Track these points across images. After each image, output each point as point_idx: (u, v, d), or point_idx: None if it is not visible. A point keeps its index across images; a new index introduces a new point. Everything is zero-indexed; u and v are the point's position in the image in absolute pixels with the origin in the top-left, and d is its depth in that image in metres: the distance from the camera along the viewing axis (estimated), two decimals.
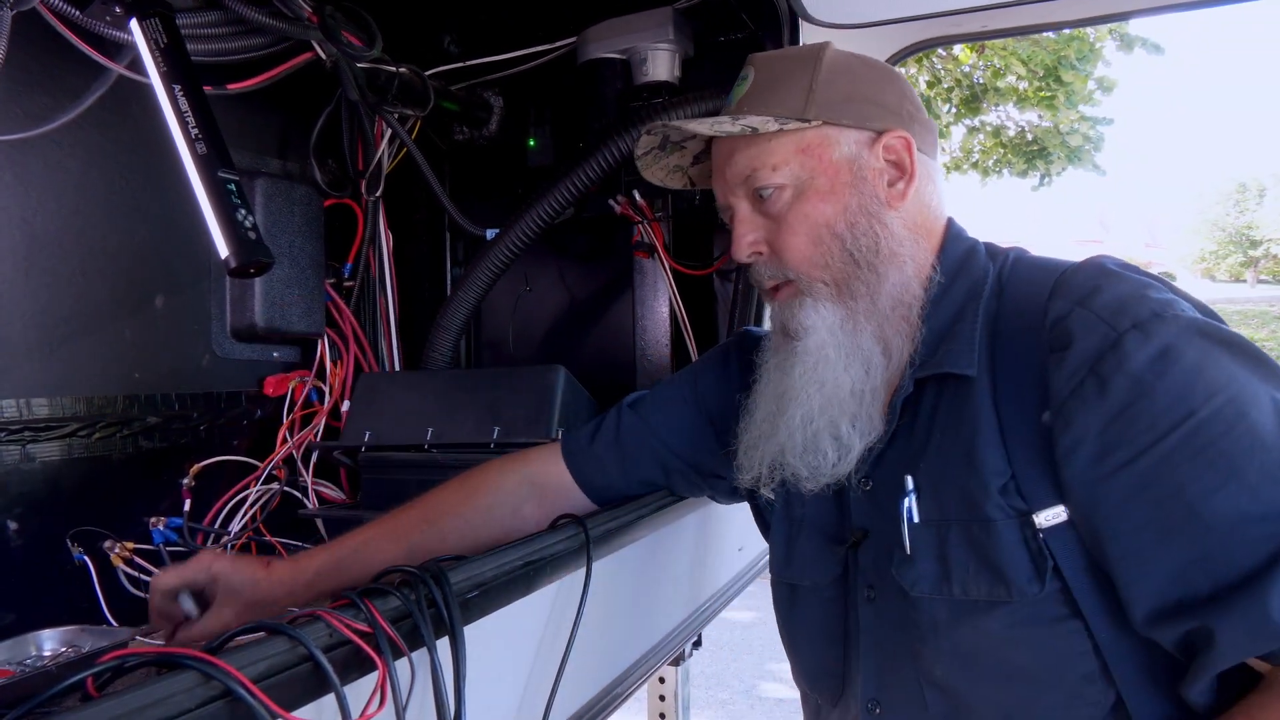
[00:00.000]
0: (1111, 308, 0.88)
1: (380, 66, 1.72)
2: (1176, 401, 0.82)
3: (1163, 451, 0.83)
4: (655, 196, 1.95)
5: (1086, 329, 0.88)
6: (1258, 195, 34.69)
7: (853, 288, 1.02)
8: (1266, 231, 33.39)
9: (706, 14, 1.93)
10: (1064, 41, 8.55)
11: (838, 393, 1.01)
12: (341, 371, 1.84)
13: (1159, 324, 0.85)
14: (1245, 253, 34.14)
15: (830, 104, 1.02)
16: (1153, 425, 0.83)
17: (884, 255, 1.02)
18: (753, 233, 1.06)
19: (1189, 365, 0.83)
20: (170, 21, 1.30)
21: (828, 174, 1.02)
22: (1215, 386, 0.82)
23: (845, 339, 1.02)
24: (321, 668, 0.71)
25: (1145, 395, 0.84)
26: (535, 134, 2.10)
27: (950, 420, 0.96)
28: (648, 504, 1.35)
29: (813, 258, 1.02)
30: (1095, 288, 0.91)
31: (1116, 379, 0.85)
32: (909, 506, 0.97)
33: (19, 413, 1.33)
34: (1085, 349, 0.87)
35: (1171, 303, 0.87)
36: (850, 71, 1.05)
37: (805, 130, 1.02)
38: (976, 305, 0.99)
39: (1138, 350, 0.85)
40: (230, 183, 1.28)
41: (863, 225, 1.01)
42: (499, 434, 1.46)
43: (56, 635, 1.10)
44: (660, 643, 1.48)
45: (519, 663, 1.04)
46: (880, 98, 1.05)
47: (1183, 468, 0.82)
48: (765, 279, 1.07)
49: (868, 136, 1.03)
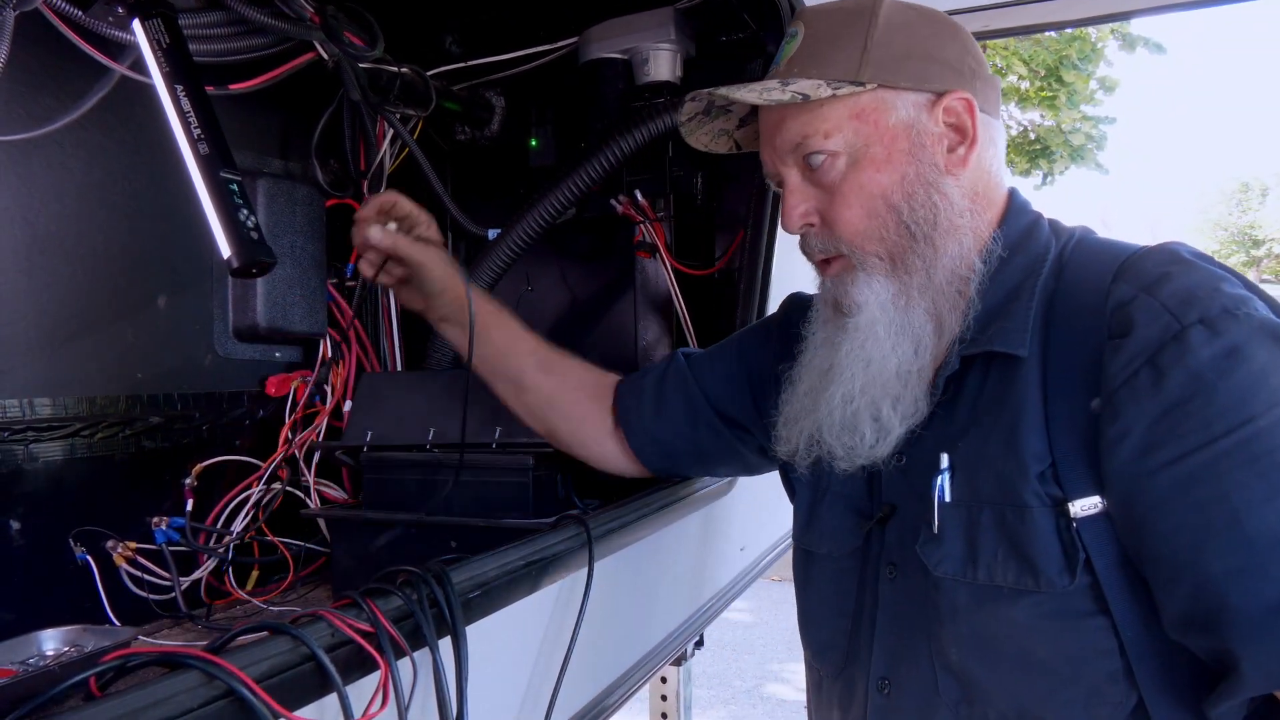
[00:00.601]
0: (1180, 297, 0.83)
1: (382, 67, 1.72)
2: (1237, 404, 0.78)
3: (1215, 453, 0.79)
4: (657, 197, 1.95)
5: (1150, 317, 0.84)
6: (1260, 195, 34.63)
7: (908, 262, 0.97)
8: (1269, 231, 33.34)
9: (708, 14, 1.93)
10: (1065, 41, 8.55)
11: (882, 373, 0.97)
12: (343, 371, 1.84)
13: (1229, 321, 0.81)
14: (1248, 252, 34.07)
15: (886, 64, 0.96)
16: (1208, 425, 0.79)
17: (942, 228, 0.97)
18: (804, 203, 1.01)
19: (1256, 369, 0.79)
20: (173, 22, 1.30)
21: (884, 141, 0.96)
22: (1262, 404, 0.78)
23: (897, 316, 0.97)
24: (324, 667, 0.71)
25: (1204, 393, 0.80)
26: (537, 134, 2.10)
27: (994, 401, 0.93)
28: (650, 503, 1.36)
29: (867, 231, 0.97)
30: (1164, 274, 0.86)
31: (1175, 372, 0.81)
32: (941, 485, 0.94)
33: (22, 413, 1.33)
34: (1145, 338, 0.83)
35: (1245, 300, 0.83)
36: (908, 26, 0.98)
37: (860, 94, 0.96)
38: (1034, 283, 0.94)
39: (1202, 346, 0.80)
40: (232, 183, 1.28)
41: (921, 196, 0.96)
42: (500, 434, 1.46)
43: (59, 635, 1.10)
44: (662, 642, 1.49)
45: (521, 662, 1.04)
46: (941, 54, 0.98)
47: (1233, 474, 0.78)
48: (816, 251, 1.03)
49: (927, 98, 0.97)
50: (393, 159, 1.94)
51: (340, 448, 1.60)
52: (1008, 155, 4.00)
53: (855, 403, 0.98)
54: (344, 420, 1.74)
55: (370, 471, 1.51)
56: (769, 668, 5.50)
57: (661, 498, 1.46)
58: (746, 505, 1.80)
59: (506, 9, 2.04)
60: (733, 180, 2.01)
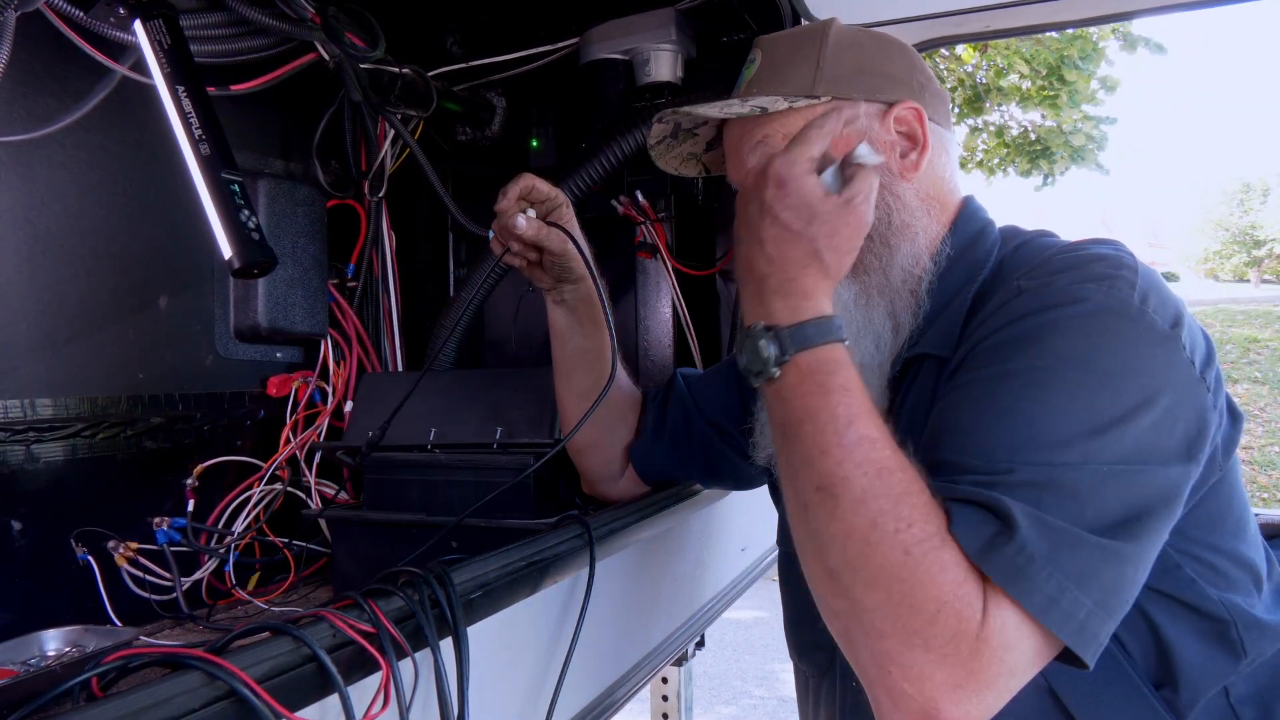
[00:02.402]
0: (1039, 274, 0.89)
1: (383, 67, 1.72)
2: (1009, 348, 0.85)
3: (968, 380, 0.86)
4: (658, 197, 1.95)
5: (1007, 293, 0.90)
6: (1261, 195, 34.62)
7: (865, 262, 1.01)
8: (1270, 231, 33.32)
9: (709, 15, 1.93)
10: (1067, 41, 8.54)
11: None
12: (344, 372, 1.84)
13: (1063, 289, 0.85)
14: (1249, 252, 34.07)
15: (838, 79, 1.03)
16: (980, 360, 0.86)
17: (895, 227, 1.02)
18: None
19: (1048, 323, 0.84)
20: (174, 23, 1.30)
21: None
22: (1048, 352, 0.82)
23: (857, 314, 1.02)
24: (325, 668, 0.71)
25: (995, 335, 0.86)
26: (538, 134, 2.10)
27: (918, 399, 0.98)
28: (650, 503, 1.36)
29: None
30: (1047, 259, 0.92)
31: (991, 323, 0.88)
32: None
33: (23, 413, 1.33)
34: (993, 308, 0.90)
35: (1105, 279, 0.86)
36: (857, 45, 1.05)
37: (815, 107, 1.02)
38: (970, 287, 0.99)
39: (1020, 304, 0.87)
40: (233, 183, 1.28)
41: (878, 197, 1.00)
42: (501, 434, 1.46)
43: (60, 635, 1.10)
44: (663, 642, 1.48)
45: (522, 663, 1.04)
46: (889, 69, 1.05)
47: (967, 395, 0.85)
48: None
49: (878, 109, 1.03)
50: (394, 159, 1.94)
51: (341, 448, 1.60)
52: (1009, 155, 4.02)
53: None
54: (345, 421, 1.75)
55: (371, 472, 1.51)
56: (770, 668, 5.50)
57: (662, 498, 1.46)
58: (747, 505, 1.80)
59: (507, 10, 2.04)
60: None
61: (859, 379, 0.86)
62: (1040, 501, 0.75)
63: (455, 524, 1.27)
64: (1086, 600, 0.73)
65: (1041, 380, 0.81)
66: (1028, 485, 0.76)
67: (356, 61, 1.60)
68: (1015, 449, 0.78)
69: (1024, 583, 0.72)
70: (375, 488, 1.51)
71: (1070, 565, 0.73)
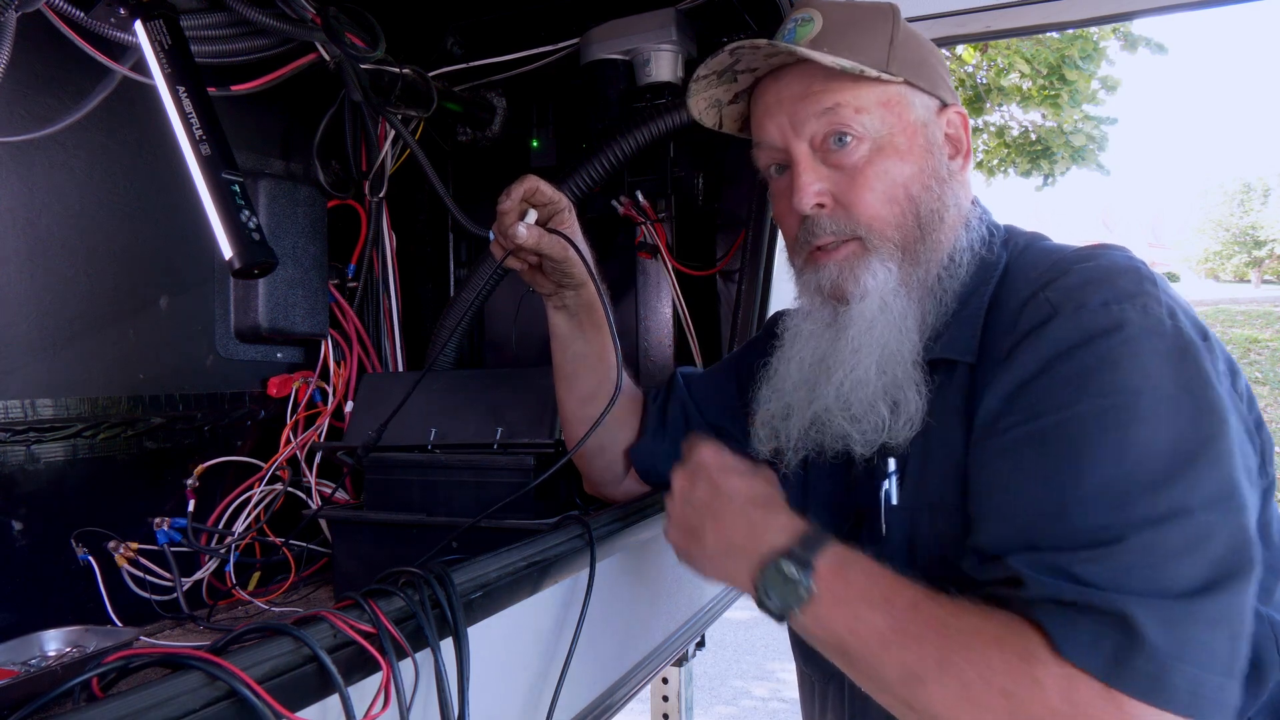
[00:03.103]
0: (1066, 290, 0.86)
1: (384, 68, 1.72)
2: (1068, 387, 0.81)
3: (1031, 430, 0.82)
4: (658, 197, 1.95)
5: (1034, 311, 0.87)
6: (1262, 195, 34.60)
7: (916, 254, 0.99)
8: (1271, 232, 33.31)
9: (709, 15, 1.93)
10: (1068, 40, 8.54)
11: (898, 357, 0.97)
12: (345, 372, 1.84)
13: (1100, 311, 0.82)
14: (1250, 253, 34.05)
15: (909, 64, 1.00)
16: (1036, 403, 0.82)
17: (946, 225, 1.00)
18: (819, 182, 0.99)
19: (1101, 357, 0.80)
20: (174, 23, 1.30)
21: (907, 133, 0.99)
22: (1116, 387, 0.79)
23: (896, 302, 0.98)
24: (326, 668, 0.71)
25: (1046, 373, 0.83)
26: (538, 135, 2.10)
27: (940, 406, 0.95)
28: (651, 504, 1.36)
29: (887, 217, 0.98)
30: (1066, 272, 0.88)
31: (1030, 353, 0.84)
32: (889, 488, 0.98)
33: (24, 413, 1.33)
34: (1024, 329, 0.87)
35: (1137, 296, 0.83)
36: (917, 37, 1.03)
37: (890, 84, 0.99)
38: (985, 290, 0.97)
39: (1060, 330, 0.83)
40: (234, 184, 1.28)
41: (935, 191, 1.00)
42: (502, 435, 1.46)
43: (61, 635, 1.11)
44: (664, 643, 1.48)
45: (523, 663, 1.04)
46: (941, 71, 1.04)
47: (1034, 451, 0.81)
48: (826, 233, 1.00)
49: (936, 105, 1.02)
50: (394, 160, 1.94)
51: (342, 448, 1.60)
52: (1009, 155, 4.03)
53: (870, 387, 0.98)
54: (345, 421, 1.75)
55: (371, 472, 1.51)
56: (770, 668, 5.50)
57: (663, 499, 1.46)
58: None
59: (508, 10, 2.04)
60: (733, 181, 2.01)
61: (866, 557, 0.86)
62: (1154, 572, 0.72)
63: (472, 524, 1.26)
64: (1217, 676, 0.71)
65: (1115, 421, 0.78)
66: (1139, 555, 0.73)
67: (357, 62, 1.60)
68: (1113, 506, 0.75)
69: (1163, 692, 0.70)
70: (375, 488, 1.51)
71: (1197, 650, 0.71)
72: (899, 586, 0.83)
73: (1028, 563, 0.77)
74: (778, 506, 0.94)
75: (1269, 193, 34.48)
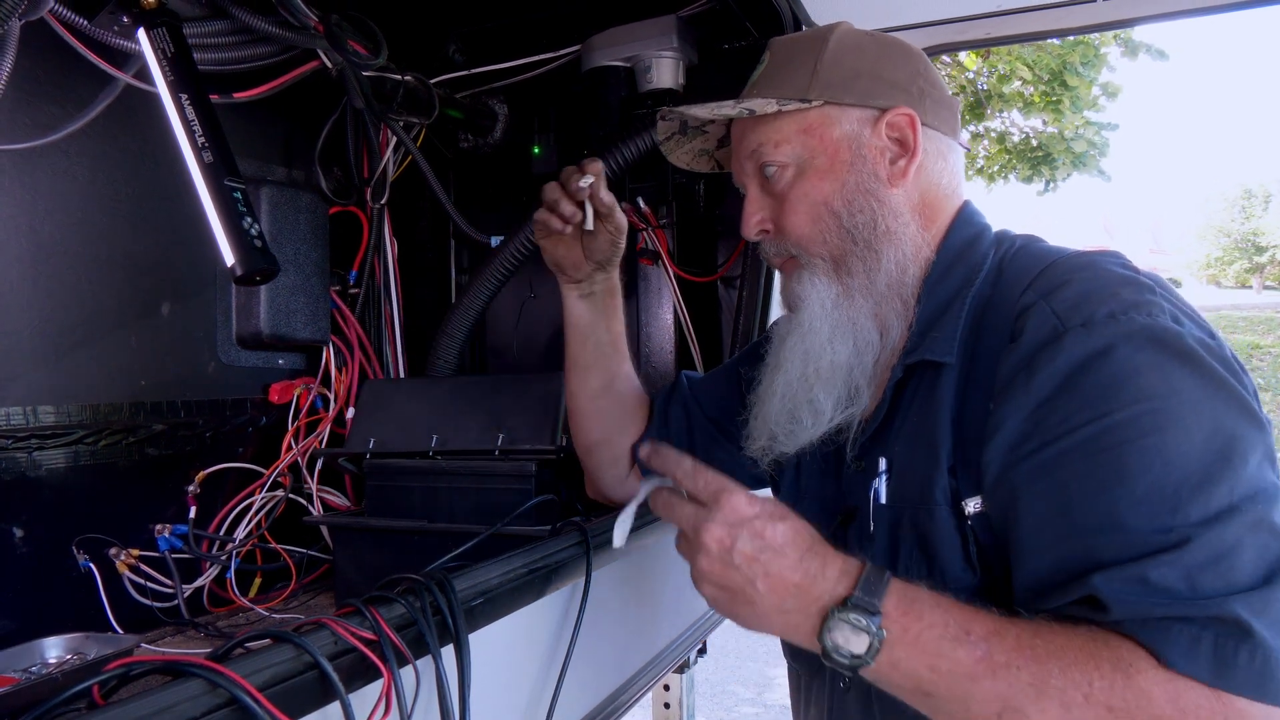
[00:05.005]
0: (1071, 303, 0.87)
1: (385, 75, 1.73)
2: (1096, 399, 0.81)
3: (1065, 446, 0.82)
4: (659, 204, 1.95)
5: (1039, 322, 0.87)
6: (1263, 201, 34.60)
7: (849, 264, 1.03)
8: (1272, 238, 33.30)
9: (710, 22, 1.94)
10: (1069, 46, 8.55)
11: (819, 364, 1.03)
12: (346, 378, 1.85)
13: (1109, 324, 0.83)
14: (1251, 259, 34.03)
15: (833, 84, 1.03)
16: (1066, 419, 0.83)
17: (881, 233, 1.02)
18: (759, 211, 1.09)
19: (1123, 367, 0.81)
20: (177, 31, 1.30)
21: (827, 153, 1.03)
22: (1143, 394, 0.80)
23: (838, 314, 1.03)
24: (327, 676, 0.71)
25: (1068, 390, 0.83)
26: (540, 141, 2.11)
27: (923, 407, 0.97)
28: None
29: (812, 234, 1.04)
30: (1065, 282, 0.89)
31: (1046, 371, 0.85)
32: (878, 487, 1.00)
33: (25, 420, 1.33)
34: (1031, 342, 0.87)
35: (1141, 305, 0.84)
36: (859, 49, 1.06)
37: (808, 110, 1.04)
38: (967, 292, 0.98)
39: (1075, 347, 0.84)
40: (236, 191, 1.28)
41: (860, 203, 1.02)
42: (503, 441, 1.46)
43: (62, 642, 1.10)
44: (665, 649, 1.48)
45: (524, 669, 1.04)
46: (889, 74, 1.05)
47: (1076, 465, 0.81)
48: (772, 255, 1.10)
49: (870, 114, 1.04)
50: (396, 166, 1.95)
51: (343, 454, 1.60)
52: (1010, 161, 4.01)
53: (794, 390, 1.05)
54: (346, 427, 1.75)
55: (373, 478, 1.51)
56: (771, 674, 5.48)
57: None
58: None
59: (510, 17, 2.05)
60: (734, 188, 2.01)
61: (929, 591, 0.83)
62: (1226, 570, 0.74)
63: (493, 532, 1.26)
64: None
65: (1152, 425, 0.79)
66: (1206, 555, 0.74)
67: (359, 69, 1.61)
68: (1168, 509, 0.76)
69: (1269, 684, 0.71)
70: (377, 494, 1.51)
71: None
72: (974, 615, 0.80)
73: (1103, 582, 0.77)
74: (827, 550, 0.88)
75: (1270, 199, 34.48)
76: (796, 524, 0.89)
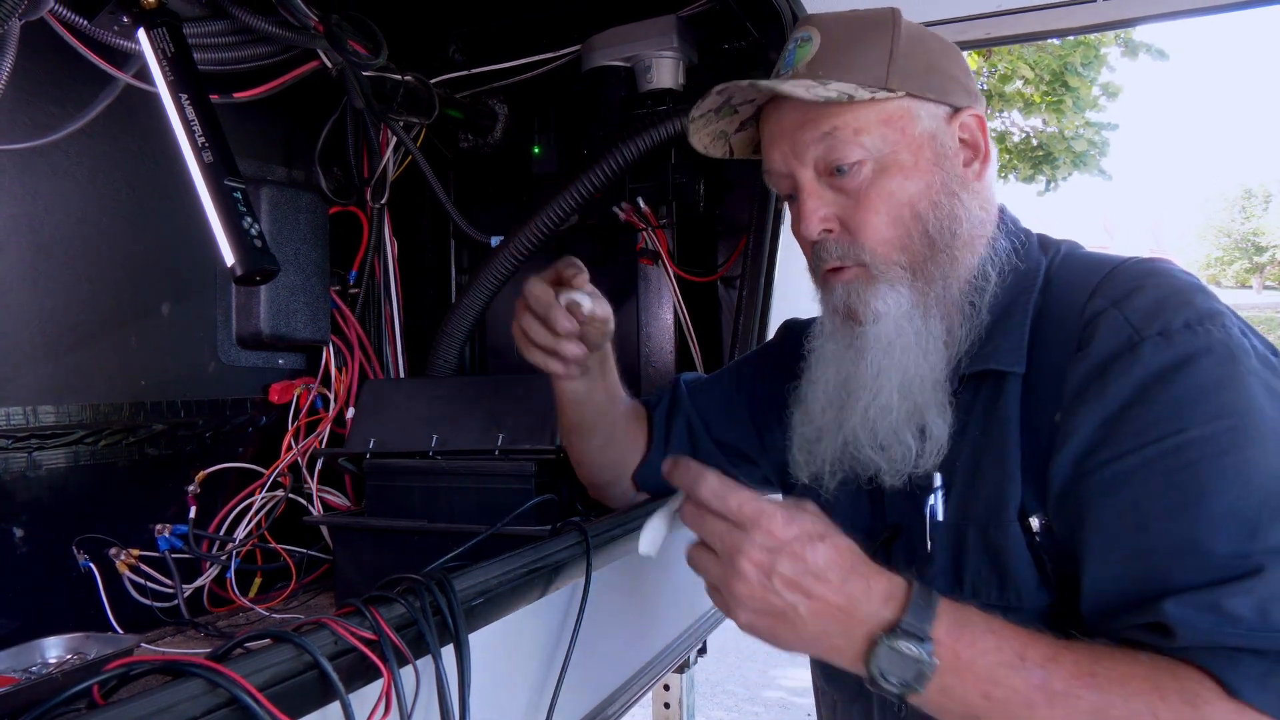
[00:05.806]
0: (1145, 310, 0.84)
1: (386, 75, 1.73)
2: (1173, 414, 0.79)
3: (1141, 460, 0.79)
4: (659, 204, 1.95)
5: (1112, 330, 0.84)
6: (1264, 201, 34.61)
7: (928, 272, 0.96)
8: (1272, 238, 33.31)
9: (710, 22, 1.93)
10: (1070, 47, 8.55)
11: (920, 382, 0.95)
12: (346, 378, 1.85)
13: (1186, 334, 0.80)
14: (1251, 259, 34.04)
15: (912, 74, 0.96)
16: (1141, 431, 0.80)
17: (961, 239, 0.96)
18: (824, 207, 0.98)
19: (1202, 381, 0.79)
20: (177, 31, 1.30)
21: (911, 149, 0.96)
22: (1222, 410, 0.77)
23: (911, 326, 0.96)
24: (327, 675, 0.71)
25: (1144, 401, 0.80)
26: (540, 141, 2.11)
27: (987, 419, 0.92)
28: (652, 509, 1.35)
29: (892, 239, 0.96)
30: (1137, 288, 0.86)
31: (1121, 380, 0.81)
32: (934, 504, 0.94)
33: (25, 420, 1.33)
34: (1104, 350, 0.83)
35: (1214, 315, 0.82)
36: (923, 41, 0.99)
37: (889, 101, 0.95)
38: (1028, 299, 0.94)
39: (1152, 357, 0.81)
40: (236, 191, 1.28)
41: (945, 206, 0.96)
42: (503, 441, 1.46)
43: (62, 642, 1.10)
44: (665, 649, 1.48)
45: (525, 669, 1.04)
46: (953, 71, 1.00)
47: (1150, 481, 0.79)
48: (835, 258, 0.99)
49: (946, 112, 0.98)
50: (396, 166, 1.95)
51: (343, 454, 1.60)
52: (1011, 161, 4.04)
53: (894, 413, 0.96)
54: (347, 427, 1.75)
55: (373, 478, 1.51)
56: (771, 674, 5.48)
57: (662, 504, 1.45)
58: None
59: (510, 17, 2.05)
60: (735, 187, 2.01)
61: (981, 612, 0.80)
62: None
63: (492, 531, 1.25)
64: None
65: (1231, 443, 0.76)
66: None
67: (359, 69, 1.61)
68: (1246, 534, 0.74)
69: None
70: (377, 494, 1.51)
71: None
72: (1030, 640, 0.77)
73: (1174, 608, 0.74)
74: (871, 570, 0.82)
75: (1270, 199, 34.48)
76: (839, 542, 0.83)
